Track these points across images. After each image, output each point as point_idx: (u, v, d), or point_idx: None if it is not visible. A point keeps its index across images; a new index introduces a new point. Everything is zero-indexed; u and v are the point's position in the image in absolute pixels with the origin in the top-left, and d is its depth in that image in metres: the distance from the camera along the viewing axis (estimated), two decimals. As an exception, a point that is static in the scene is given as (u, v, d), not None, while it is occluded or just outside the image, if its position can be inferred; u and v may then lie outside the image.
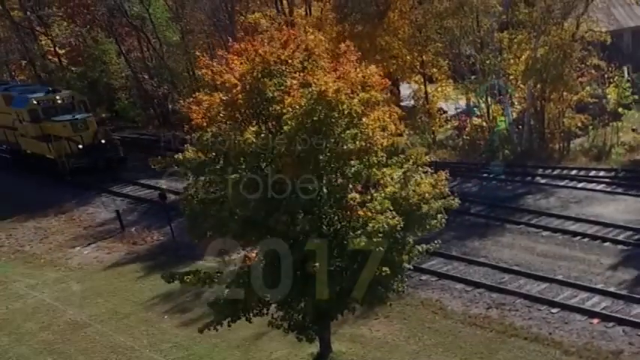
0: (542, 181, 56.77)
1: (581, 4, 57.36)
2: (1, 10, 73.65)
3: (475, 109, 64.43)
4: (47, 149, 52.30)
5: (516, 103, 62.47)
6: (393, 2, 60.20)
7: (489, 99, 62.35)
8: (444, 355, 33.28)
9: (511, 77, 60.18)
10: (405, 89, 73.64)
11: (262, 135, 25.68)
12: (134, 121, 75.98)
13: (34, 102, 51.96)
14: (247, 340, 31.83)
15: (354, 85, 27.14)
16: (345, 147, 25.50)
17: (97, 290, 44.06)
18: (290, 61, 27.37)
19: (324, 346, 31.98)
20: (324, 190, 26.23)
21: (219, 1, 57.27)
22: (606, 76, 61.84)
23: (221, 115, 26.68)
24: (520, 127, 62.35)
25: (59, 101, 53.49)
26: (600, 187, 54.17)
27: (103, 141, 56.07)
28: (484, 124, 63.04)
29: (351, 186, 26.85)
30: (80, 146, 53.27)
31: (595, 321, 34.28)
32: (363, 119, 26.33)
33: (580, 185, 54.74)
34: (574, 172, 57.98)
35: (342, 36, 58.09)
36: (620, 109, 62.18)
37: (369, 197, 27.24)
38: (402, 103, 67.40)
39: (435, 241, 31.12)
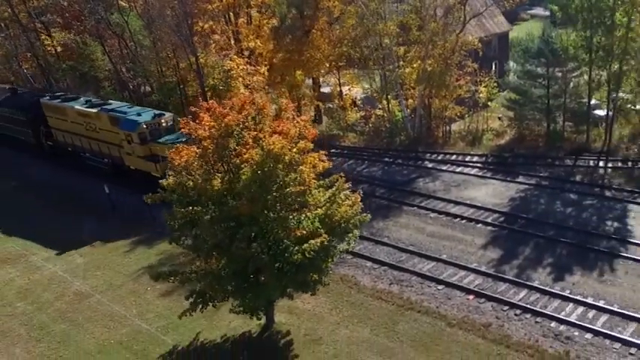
0: (430, 165, 56.21)
1: (459, 25, 58.88)
2: (11, 14, 75.06)
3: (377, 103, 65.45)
4: (154, 168, 48.09)
5: (410, 100, 63.14)
6: (316, 23, 61.14)
7: (389, 96, 63.42)
8: (358, 326, 34.62)
9: (406, 83, 61.29)
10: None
11: (226, 179, 28.26)
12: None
13: (144, 126, 48.27)
14: (211, 311, 32.53)
15: (293, 138, 29.09)
16: (287, 190, 28.03)
17: (95, 264, 44.10)
18: (246, 123, 29.11)
19: (269, 319, 34.46)
20: (272, 219, 28.36)
21: (181, 18, 58.15)
22: (478, 79, 63.24)
23: (195, 164, 28.80)
24: (412, 116, 63.18)
25: (164, 124, 49.69)
26: (474, 171, 53.98)
27: None
28: (385, 115, 64.13)
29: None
30: None
31: (470, 297, 35.75)
32: (301, 166, 28.40)
33: (458, 170, 54.51)
34: (454, 157, 57.65)
35: (277, 49, 59.64)
36: (489, 103, 64.12)
37: (303, 217, 29.48)
38: (322, 90, 69.58)
39: (352, 240, 32.42)
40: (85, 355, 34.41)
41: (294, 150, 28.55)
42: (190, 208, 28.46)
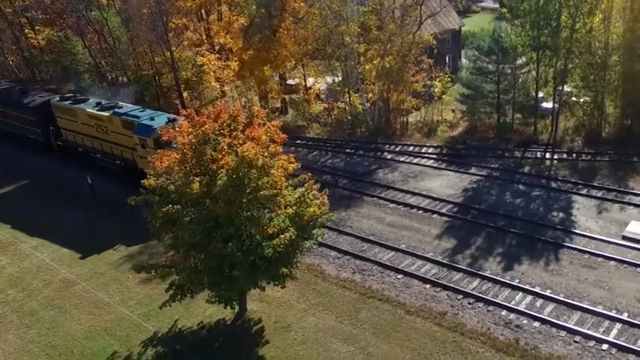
0: (389, 156, 55.89)
1: (416, 24, 59.04)
2: (-3, 9, 76.34)
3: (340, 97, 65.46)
4: None
5: (370, 94, 63.17)
6: (282, 23, 61.11)
7: (351, 90, 63.43)
8: (324, 313, 34.98)
9: (366, 78, 61.35)
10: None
11: (204, 183, 28.69)
12: (94, 93, 75.41)
13: (159, 132, 46.33)
14: (187, 300, 32.25)
15: (264, 143, 29.41)
16: (261, 192, 28.51)
17: (80, 252, 43.80)
18: (222, 130, 29.31)
19: (242, 307, 34.81)
20: (246, 218, 28.93)
21: (157, 16, 59.31)
22: (433, 75, 63.49)
23: (176, 168, 29.17)
24: (372, 108, 63.22)
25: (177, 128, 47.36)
26: (430, 162, 53.74)
27: None
28: (347, 107, 64.19)
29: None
30: None
31: (428, 286, 36.12)
32: (272, 170, 28.77)
33: (415, 161, 54.31)
34: (411, 148, 57.36)
35: (246, 46, 59.76)
36: (443, 96, 64.46)
37: (274, 215, 29.79)
38: (288, 82, 69.66)
39: (319, 237, 33.19)
40: (73, 341, 34.53)
41: (266, 154, 29.03)
42: (171, 206, 28.74)
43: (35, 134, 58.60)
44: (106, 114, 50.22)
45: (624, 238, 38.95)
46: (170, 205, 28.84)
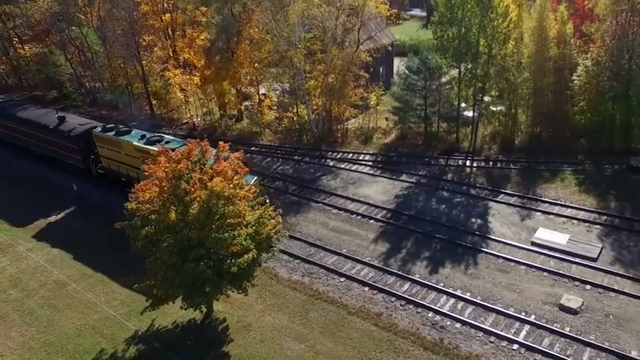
0: (331, 163, 56.25)
1: (355, 44, 59.64)
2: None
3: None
4: None
5: (315, 104, 63.61)
6: (240, 46, 61.48)
7: (298, 102, 63.86)
8: (279, 313, 35.75)
9: (311, 92, 61.85)
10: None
11: (179, 212, 29.98)
12: (74, 99, 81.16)
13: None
14: None
15: (229, 175, 30.81)
16: (228, 220, 30.02)
17: (70, 254, 44.10)
18: (193, 166, 30.94)
19: (209, 309, 35.69)
20: (214, 239, 29.86)
21: (129, 36, 62.26)
22: (369, 89, 64.17)
23: (156, 198, 30.42)
24: (317, 117, 63.65)
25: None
26: (367, 169, 54.09)
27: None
28: (295, 118, 64.64)
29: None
30: None
31: (366, 289, 36.96)
32: (237, 200, 30.09)
33: (354, 168, 54.69)
34: (350, 155, 57.71)
35: (208, 65, 60.20)
36: (377, 106, 65.32)
37: (236, 233, 30.64)
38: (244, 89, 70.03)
39: (274, 252, 33.99)
40: (67, 338, 35.11)
41: (232, 186, 30.13)
42: (149, 227, 30.06)
43: (74, 160, 55.50)
44: (155, 149, 44.17)
45: (533, 243, 39.99)
46: (149, 227, 30.04)
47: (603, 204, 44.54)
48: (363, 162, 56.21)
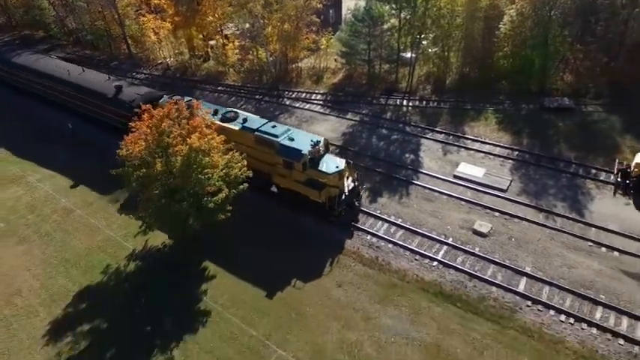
0: (288, 102, 57.08)
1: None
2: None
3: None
4: (317, 195, 37.56)
5: (272, 48, 64.14)
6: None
7: (258, 46, 64.40)
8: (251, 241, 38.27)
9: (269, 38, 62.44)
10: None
11: (164, 163, 32.75)
12: (60, 39, 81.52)
13: (308, 156, 37.48)
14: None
15: (205, 132, 33.64)
16: (205, 170, 33.04)
17: (74, 184, 46.02)
18: (173, 123, 33.52)
19: (195, 235, 37.33)
20: (194, 181, 32.87)
21: None
22: (320, 34, 64.92)
23: (143, 151, 32.96)
24: (274, 59, 64.29)
25: (321, 151, 38.45)
26: (318, 108, 55.19)
27: (356, 183, 40.32)
28: (255, 60, 65.43)
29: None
30: (345, 193, 38.85)
31: None
32: (212, 153, 33.18)
33: (307, 107, 55.68)
34: (304, 94, 58.52)
35: (176, 13, 61.24)
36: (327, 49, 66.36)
37: (211, 175, 33.45)
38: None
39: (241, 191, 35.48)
40: (79, 256, 38.03)
41: (206, 139, 33.01)
42: (141, 171, 32.81)
43: None
44: (235, 128, 40.93)
45: (455, 176, 42.37)
46: (141, 170, 32.82)
47: (517, 141, 46.49)
48: (315, 101, 57.14)
